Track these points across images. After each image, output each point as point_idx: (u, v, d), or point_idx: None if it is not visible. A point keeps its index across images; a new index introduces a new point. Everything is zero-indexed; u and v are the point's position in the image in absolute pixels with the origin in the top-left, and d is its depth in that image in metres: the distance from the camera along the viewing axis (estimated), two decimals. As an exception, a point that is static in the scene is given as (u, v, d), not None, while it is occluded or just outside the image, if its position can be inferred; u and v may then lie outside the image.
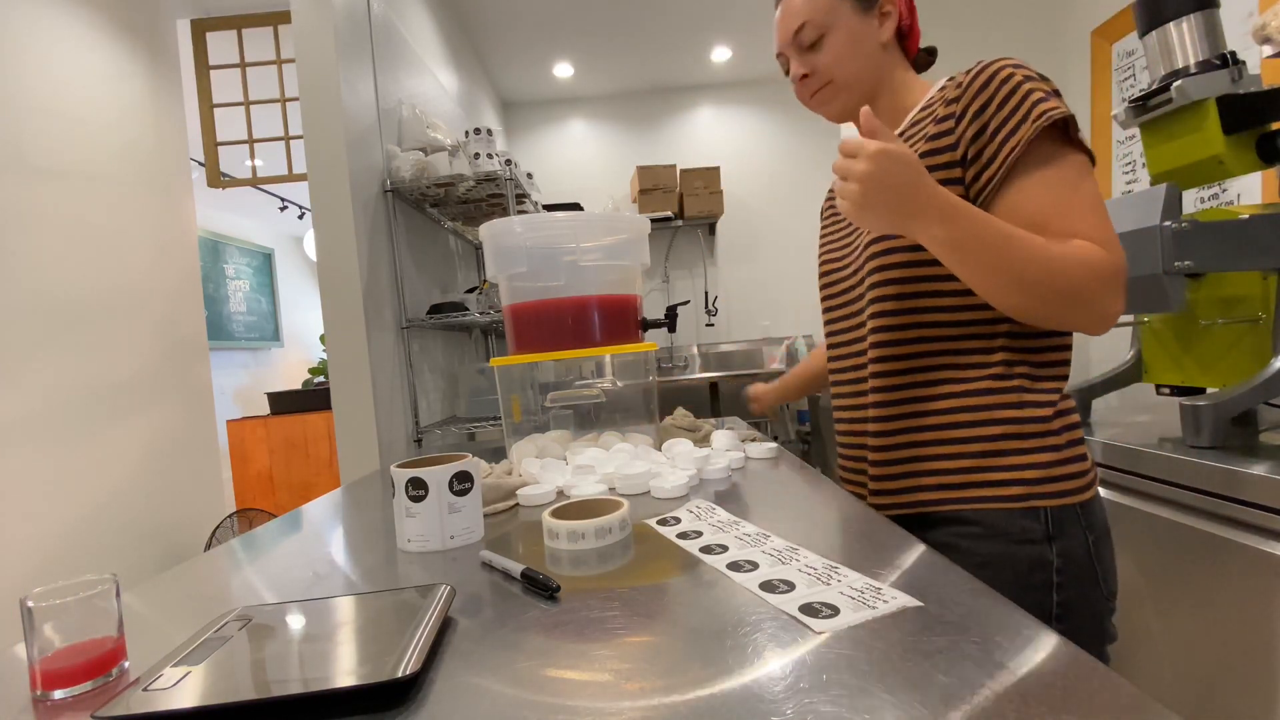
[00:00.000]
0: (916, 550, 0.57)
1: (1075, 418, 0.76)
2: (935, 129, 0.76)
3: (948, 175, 0.74)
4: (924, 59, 0.90)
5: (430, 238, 2.52)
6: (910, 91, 0.84)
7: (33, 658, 0.43)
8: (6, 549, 1.82)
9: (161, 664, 0.43)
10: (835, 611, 0.46)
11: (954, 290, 0.75)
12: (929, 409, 0.77)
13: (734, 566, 0.56)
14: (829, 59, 0.82)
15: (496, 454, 1.26)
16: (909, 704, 0.34)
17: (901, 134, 0.82)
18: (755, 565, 0.56)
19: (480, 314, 2.22)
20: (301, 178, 2.33)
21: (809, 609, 0.46)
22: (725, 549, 0.61)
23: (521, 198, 2.44)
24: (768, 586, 0.51)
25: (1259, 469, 0.89)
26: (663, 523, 0.72)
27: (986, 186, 0.72)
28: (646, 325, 1.21)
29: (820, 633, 0.43)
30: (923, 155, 0.76)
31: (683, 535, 0.67)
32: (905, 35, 0.86)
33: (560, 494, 0.90)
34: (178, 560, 2.52)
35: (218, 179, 2.96)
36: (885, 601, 0.46)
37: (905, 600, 0.46)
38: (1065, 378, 0.77)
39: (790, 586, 0.51)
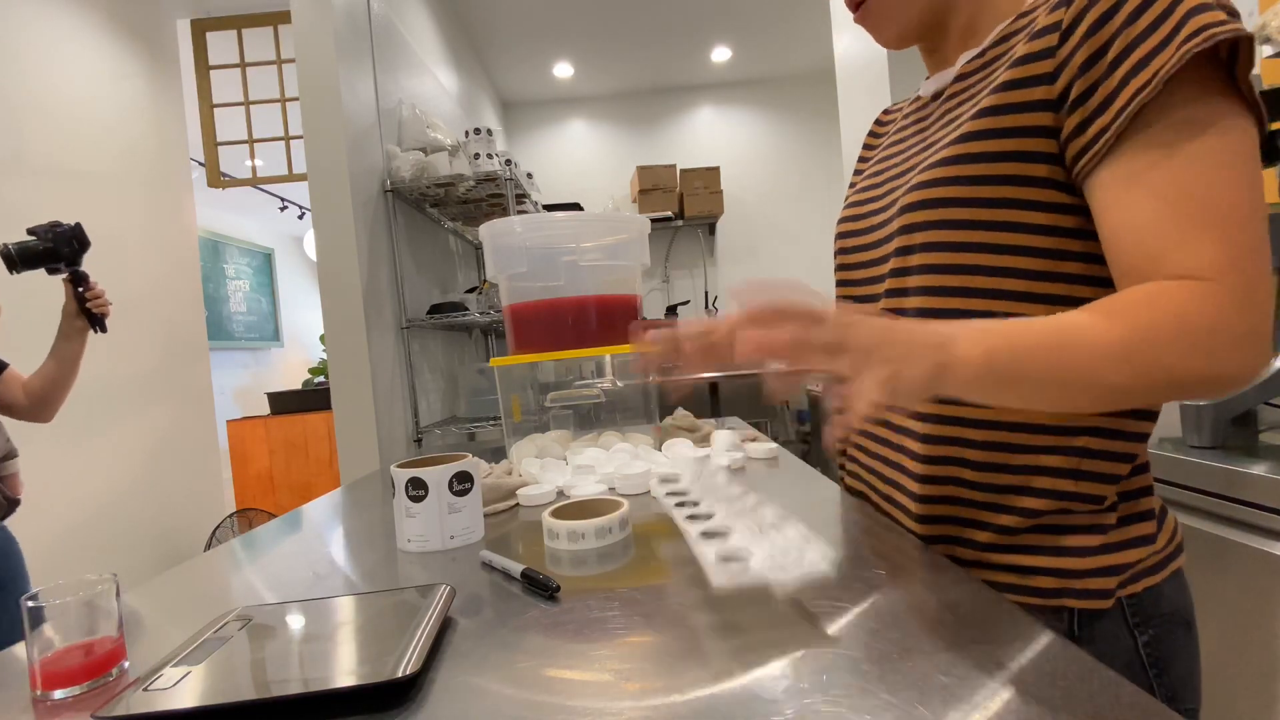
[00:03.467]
0: (915, 549, 0.57)
1: (1144, 481, 0.54)
2: (1027, 48, 0.50)
3: (1031, 122, 0.49)
4: None
5: (430, 238, 2.52)
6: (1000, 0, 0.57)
7: (33, 658, 0.43)
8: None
9: (161, 664, 0.43)
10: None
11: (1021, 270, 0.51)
12: (972, 438, 0.55)
13: (701, 526, 0.59)
14: None
15: (496, 454, 1.26)
16: (909, 704, 0.34)
17: (975, 60, 0.57)
18: (726, 532, 0.59)
19: (480, 314, 2.22)
20: (301, 178, 2.33)
21: (728, 555, 0.49)
22: (711, 516, 0.64)
23: (521, 198, 2.44)
24: (708, 534, 0.54)
25: (1259, 469, 0.89)
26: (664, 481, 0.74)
27: (1088, 150, 0.46)
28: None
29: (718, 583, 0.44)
30: (997, 90, 0.51)
31: (681, 504, 0.69)
32: None
33: (560, 494, 0.90)
34: (178, 560, 2.52)
35: (218, 179, 2.96)
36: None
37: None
38: (1146, 436, 0.54)
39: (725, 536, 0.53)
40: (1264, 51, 1.21)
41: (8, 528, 1.41)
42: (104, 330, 1.41)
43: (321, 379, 4.10)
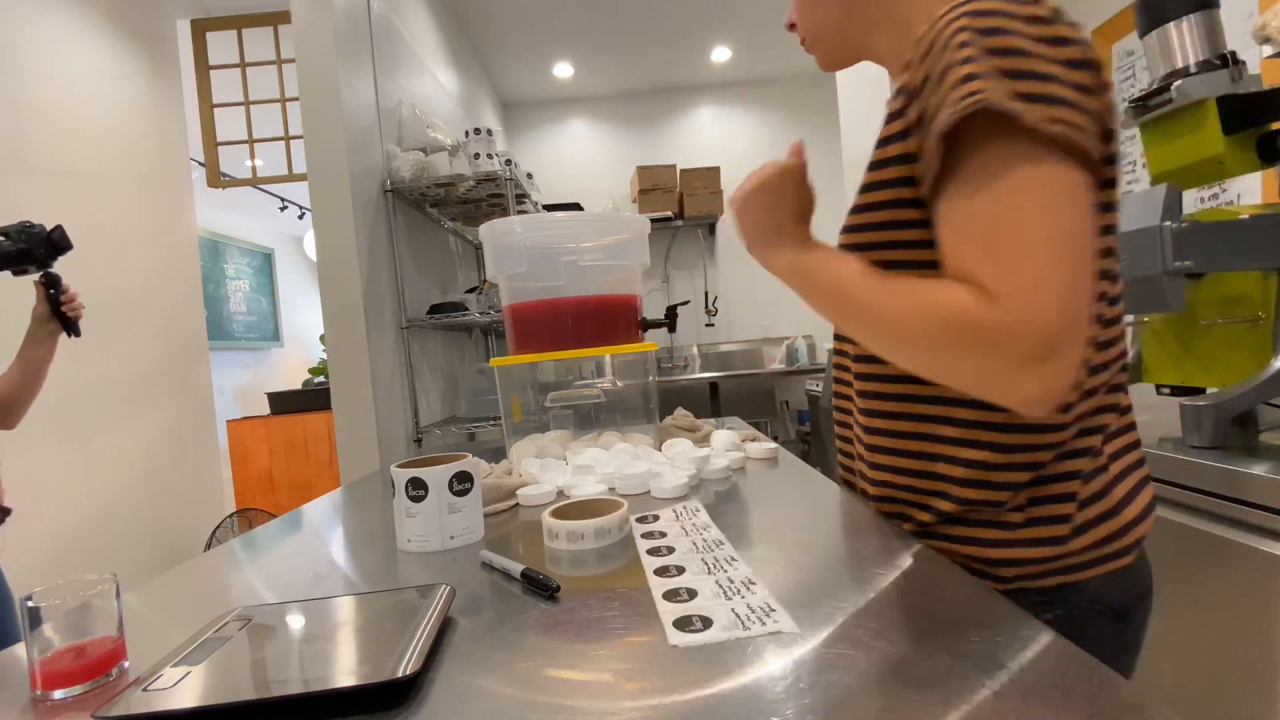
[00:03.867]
0: (914, 549, 0.57)
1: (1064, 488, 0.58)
2: (889, 108, 0.58)
3: (902, 174, 0.57)
4: None
5: (430, 238, 2.52)
6: (922, 26, 0.58)
7: (33, 658, 0.43)
8: (7, 549, 1.82)
9: (161, 664, 0.43)
10: (707, 625, 0.45)
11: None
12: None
13: (661, 571, 0.57)
14: (796, 6, 0.70)
15: (496, 454, 1.26)
16: (909, 704, 0.34)
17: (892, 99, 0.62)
18: (682, 570, 0.57)
19: (480, 314, 2.22)
20: (301, 178, 2.33)
21: (683, 621, 0.46)
22: (672, 551, 0.62)
23: (521, 198, 2.44)
24: (670, 595, 0.51)
25: (1259, 469, 0.89)
26: (641, 520, 0.73)
27: (927, 194, 0.54)
28: (646, 325, 1.21)
29: (674, 645, 0.43)
30: (877, 145, 0.60)
31: (648, 535, 0.68)
32: None
33: (560, 494, 0.90)
34: (178, 560, 2.52)
35: (218, 179, 2.96)
36: (763, 624, 0.45)
37: (785, 626, 0.44)
38: (1053, 446, 0.58)
39: (691, 595, 0.51)
40: (1264, 51, 1.21)
41: None
42: (78, 334, 1.36)
43: (321, 379, 4.10)
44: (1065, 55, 0.49)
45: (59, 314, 1.32)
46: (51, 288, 1.31)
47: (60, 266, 1.36)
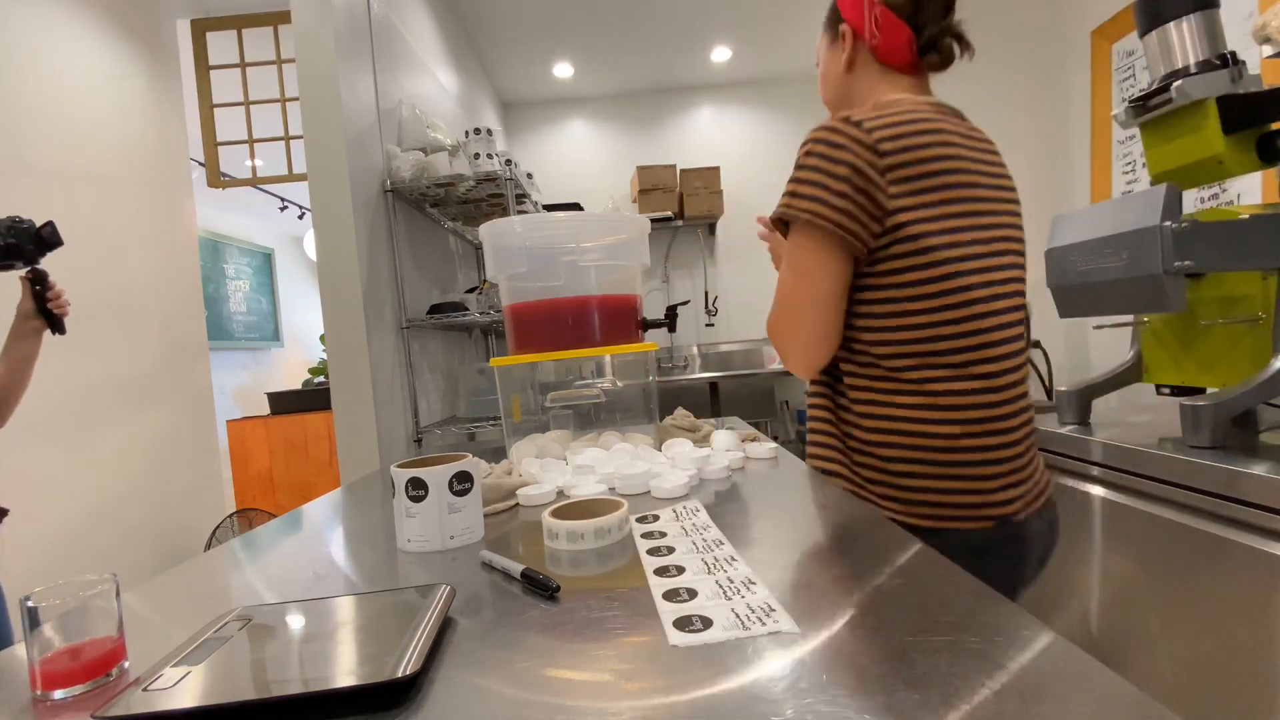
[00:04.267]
0: (914, 549, 0.57)
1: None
2: None
3: None
4: (935, 61, 0.89)
5: (430, 238, 2.52)
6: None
7: (33, 658, 0.43)
8: (6, 549, 1.82)
9: (161, 664, 0.43)
10: (707, 626, 0.45)
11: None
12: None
13: (661, 571, 0.57)
14: (820, 82, 1.00)
15: (496, 454, 1.26)
16: (909, 704, 0.34)
17: None
18: (682, 570, 0.56)
19: (480, 314, 2.22)
20: (301, 178, 2.33)
21: (683, 621, 0.46)
22: (672, 551, 0.62)
23: (521, 198, 2.44)
24: (670, 595, 0.51)
25: (1259, 469, 0.89)
26: (641, 520, 0.73)
27: None
28: (646, 325, 1.21)
29: (674, 645, 0.43)
30: None
31: (648, 535, 0.68)
32: (884, 51, 0.89)
33: (560, 494, 0.90)
34: (178, 560, 2.52)
35: (218, 179, 2.96)
36: (763, 624, 0.45)
37: (785, 626, 0.44)
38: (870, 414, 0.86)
39: (691, 595, 0.51)
40: (1264, 51, 1.21)
41: None
42: (63, 332, 1.34)
43: (321, 379, 4.10)
44: (837, 165, 0.80)
45: (44, 311, 1.30)
46: (38, 284, 1.30)
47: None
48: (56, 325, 1.32)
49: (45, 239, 1.30)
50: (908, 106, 0.83)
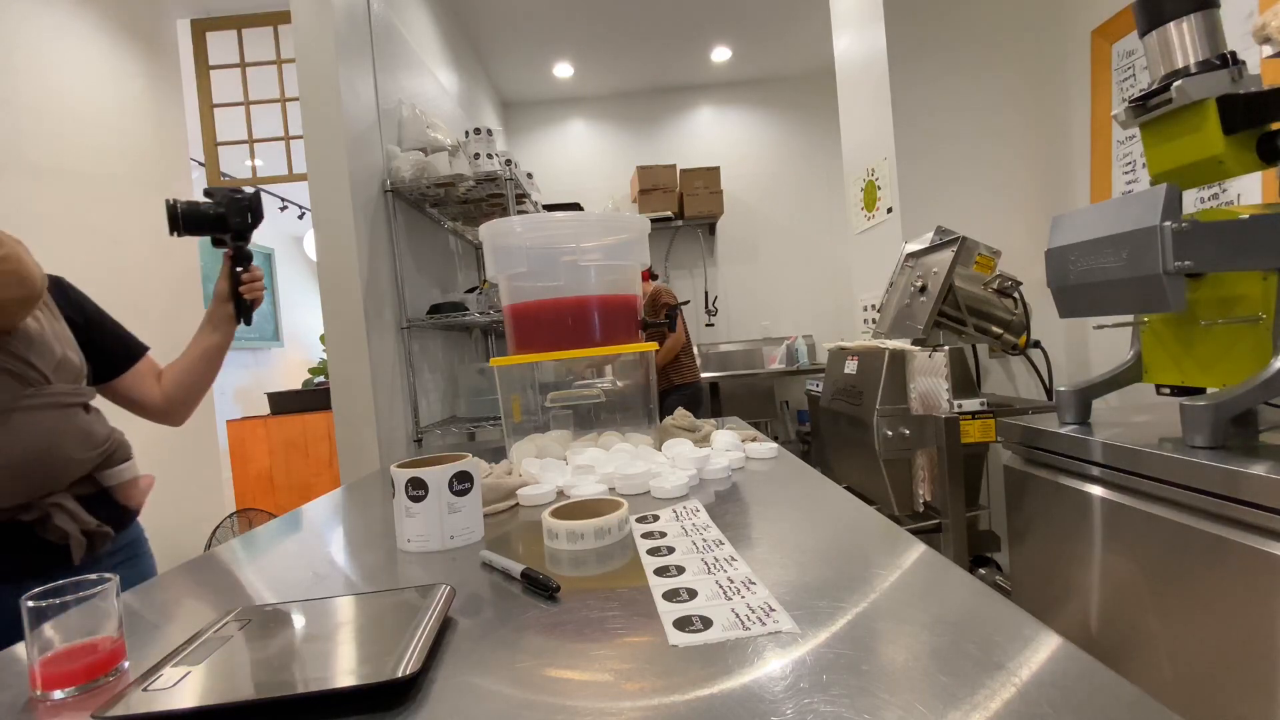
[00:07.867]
0: (915, 550, 0.57)
1: None
2: None
3: None
4: None
5: (430, 238, 2.52)
6: None
7: (33, 658, 0.43)
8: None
9: (161, 664, 0.43)
10: (707, 626, 0.45)
11: None
12: None
13: (661, 571, 0.57)
14: None
15: (496, 454, 1.26)
16: (909, 704, 0.34)
17: None
18: (682, 570, 0.56)
19: (480, 314, 2.22)
20: (301, 178, 2.33)
21: (683, 621, 0.46)
22: (672, 551, 0.62)
23: (521, 198, 2.44)
24: (670, 595, 0.51)
25: (1259, 469, 0.89)
26: (641, 520, 0.73)
27: None
28: (646, 325, 1.21)
29: (674, 645, 0.43)
30: None
31: (648, 535, 0.68)
32: None
33: (560, 494, 0.90)
34: (178, 560, 2.51)
35: (218, 179, 2.96)
36: (763, 624, 0.45)
37: (785, 626, 0.44)
38: None
39: (691, 595, 0.51)
40: (1264, 51, 1.21)
41: (146, 540, 1.23)
42: (249, 323, 1.22)
43: (321, 379, 4.10)
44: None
45: (236, 294, 1.19)
46: (239, 264, 1.18)
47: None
48: (245, 312, 1.21)
49: (254, 210, 1.18)
50: None
